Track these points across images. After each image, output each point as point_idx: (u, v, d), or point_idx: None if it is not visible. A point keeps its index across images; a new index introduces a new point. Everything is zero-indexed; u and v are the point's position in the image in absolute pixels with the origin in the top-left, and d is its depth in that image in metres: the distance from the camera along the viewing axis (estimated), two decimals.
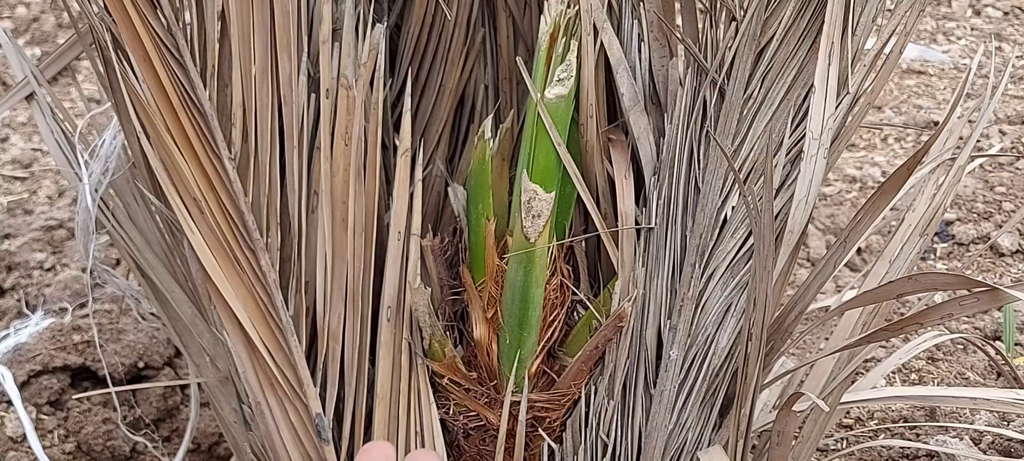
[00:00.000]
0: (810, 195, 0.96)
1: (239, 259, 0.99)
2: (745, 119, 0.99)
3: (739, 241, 0.99)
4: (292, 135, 0.99)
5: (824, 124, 0.96)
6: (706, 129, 1.00)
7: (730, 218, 0.99)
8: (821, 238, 1.86)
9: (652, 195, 1.02)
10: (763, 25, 0.98)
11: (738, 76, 0.98)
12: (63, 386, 1.47)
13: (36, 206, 1.96)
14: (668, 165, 1.01)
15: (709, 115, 1.00)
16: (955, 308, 0.90)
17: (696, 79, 1.01)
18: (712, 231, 0.99)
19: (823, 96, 0.96)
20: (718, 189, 0.99)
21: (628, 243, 1.01)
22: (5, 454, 1.38)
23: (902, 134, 2.18)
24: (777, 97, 0.99)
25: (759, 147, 0.99)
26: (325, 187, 0.99)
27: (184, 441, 1.34)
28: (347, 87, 0.98)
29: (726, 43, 0.99)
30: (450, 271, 1.06)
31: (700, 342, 0.99)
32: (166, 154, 0.97)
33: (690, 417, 1.00)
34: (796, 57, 0.98)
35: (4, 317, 1.64)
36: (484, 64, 1.10)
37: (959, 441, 1.33)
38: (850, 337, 1.11)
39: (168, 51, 0.96)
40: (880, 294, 0.98)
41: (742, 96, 0.99)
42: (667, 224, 1.00)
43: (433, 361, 1.02)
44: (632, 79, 1.02)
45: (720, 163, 0.99)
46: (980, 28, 2.60)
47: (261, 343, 1.00)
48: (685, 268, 0.99)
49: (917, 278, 0.93)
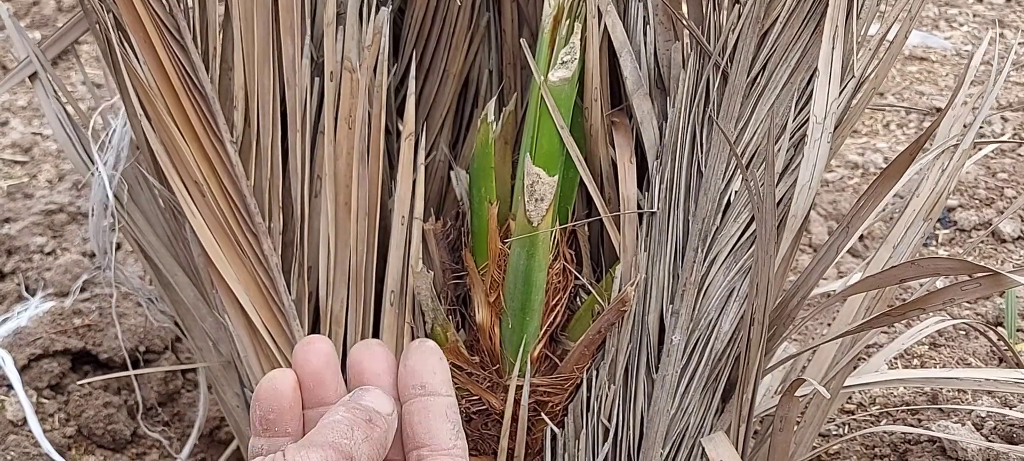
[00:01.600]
0: (813, 180, 0.95)
1: (241, 243, 0.99)
2: (748, 103, 0.99)
3: (742, 225, 0.99)
4: (295, 119, 0.99)
5: (828, 108, 0.95)
6: (709, 113, 0.99)
7: (733, 202, 0.99)
8: (823, 224, 1.86)
9: (655, 179, 1.01)
10: (766, 8, 0.98)
11: (741, 59, 0.98)
12: (64, 370, 1.47)
13: (36, 190, 1.95)
14: (670, 149, 1.01)
15: (712, 99, 1.00)
16: (957, 293, 0.90)
17: (699, 62, 1.01)
18: (715, 215, 0.99)
19: (827, 80, 0.96)
20: (721, 173, 0.99)
21: (630, 227, 1.01)
22: (6, 438, 1.38)
23: (904, 120, 2.18)
24: (780, 81, 0.98)
25: (762, 131, 0.98)
26: (328, 171, 0.99)
27: (195, 426, 1.34)
28: (351, 70, 0.98)
29: (729, 26, 0.99)
30: (453, 255, 1.05)
31: (702, 327, 0.99)
32: (168, 137, 0.97)
33: (692, 402, 1.00)
34: (800, 40, 0.98)
35: (4, 301, 1.63)
36: (488, 48, 1.09)
37: (961, 426, 1.33)
38: (853, 322, 1.11)
39: (169, 33, 0.96)
40: (882, 279, 0.98)
41: (745, 79, 0.98)
42: (670, 208, 1.00)
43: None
44: (636, 63, 1.01)
45: (723, 147, 0.98)
46: (982, 15, 2.59)
47: (263, 327, 1.00)
48: (688, 252, 0.99)
49: (919, 263, 0.92)
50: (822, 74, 0.95)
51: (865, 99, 0.99)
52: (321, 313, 1.02)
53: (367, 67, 0.98)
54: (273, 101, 0.99)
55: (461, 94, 1.10)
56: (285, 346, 1.01)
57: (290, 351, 1.01)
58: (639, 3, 1.01)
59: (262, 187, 0.99)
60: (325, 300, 1.01)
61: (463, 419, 1.06)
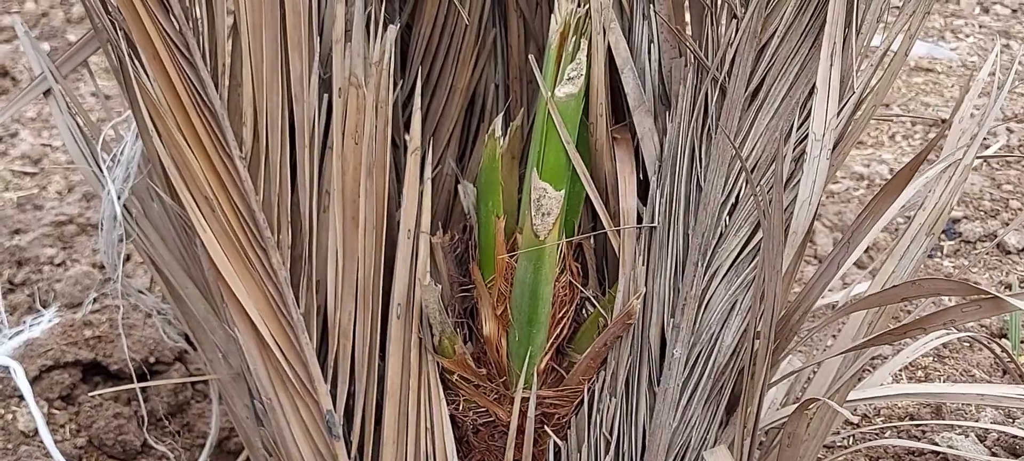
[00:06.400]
0: (813, 197, 0.95)
1: (250, 257, 1.00)
2: (747, 117, 0.99)
3: (742, 239, 0.99)
4: (303, 134, 0.99)
5: (827, 125, 0.95)
6: (707, 126, 0.99)
7: (733, 216, 0.99)
8: (828, 235, 1.87)
9: (655, 193, 1.02)
10: (764, 22, 0.97)
11: (739, 74, 0.98)
12: (74, 381, 1.48)
13: (46, 201, 1.97)
14: (670, 164, 1.01)
15: (710, 113, 1.00)
16: (958, 314, 0.90)
17: (697, 77, 1.01)
18: (714, 229, 0.99)
19: (826, 97, 0.96)
20: (720, 187, 0.99)
21: (629, 241, 1.02)
22: (18, 448, 1.39)
23: (910, 132, 2.18)
24: (780, 95, 0.98)
25: (761, 145, 0.98)
26: (336, 186, 1.00)
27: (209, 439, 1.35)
28: (358, 86, 0.98)
29: (727, 40, 0.99)
30: (460, 268, 1.06)
31: (704, 340, 0.99)
32: (178, 152, 0.98)
33: (695, 415, 1.00)
34: (798, 54, 0.98)
35: (15, 312, 1.65)
36: (495, 64, 1.10)
37: (965, 438, 1.34)
38: (857, 335, 1.11)
39: (179, 51, 0.97)
40: (884, 298, 0.99)
41: (743, 94, 0.98)
42: (669, 223, 1.00)
43: (443, 357, 1.03)
44: (638, 80, 1.02)
45: (722, 161, 0.99)
46: (988, 26, 2.60)
47: (272, 340, 1.01)
48: (688, 266, 0.99)
49: (921, 283, 0.94)
50: (821, 91, 0.95)
51: (867, 114, 1.00)
52: (329, 326, 1.03)
53: (375, 83, 0.99)
54: (282, 116, 0.99)
55: (468, 109, 1.11)
56: (294, 359, 1.02)
57: (298, 363, 1.02)
58: (644, 21, 1.02)
59: (271, 201, 1.00)
60: (333, 313, 1.02)
61: (470, 431, 1.07)
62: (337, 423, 1.02)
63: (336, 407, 1.03)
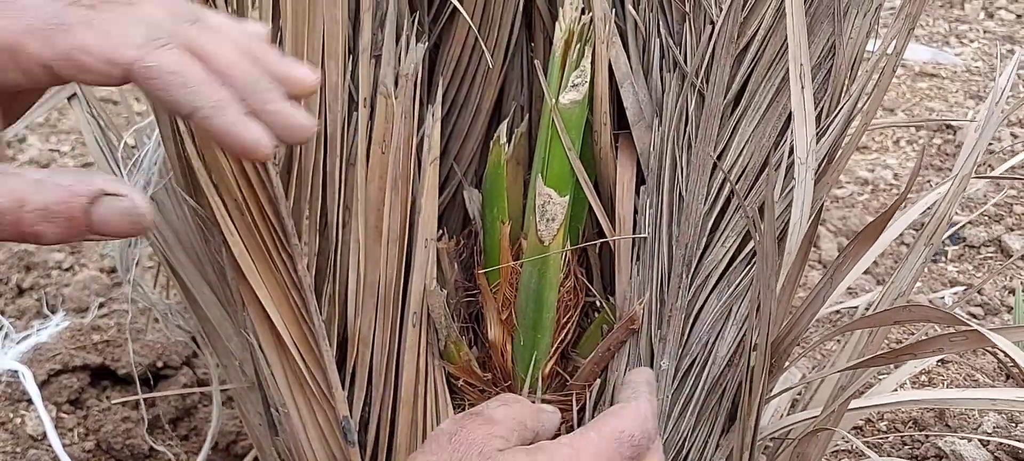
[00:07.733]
0: (803, 219, 0.94)
1: (276, 263, 0.99)
2: (727, 125, 0.97)
3: (730, 250, 0.98)
4: (334, 143, 0.99)
5: (809, 149, 0.94)
6: (688, 135, 0.98)
7: (720, 226, 0.98)
8: (833, 240, 1.87)
9: (644, 204, 1.01)
10: (740, 26, 0.96)
11: (716, 80, 0.96)
12: (83, 385, 1.49)
13: None
14: (655, 173, 1.00)
15: (690, 121, 0.98)
16: (945, 344, 0.91)
17: (680, 84, 1.00)
18: (698, 240, 0.98)
19: (803, 121, 0.94)
20: (701, 198, 0.98)
21: (625, 248, 1.02)
22: (26, 452, 1.40)
23: (914, 137, 2.19)
24: (764, 102, 0.97)
25: (747, 153, 0.97)
26: (360, 196, 1.00)
27: (205, 446, 1.35)
28: (387, 96, 0.98)
29: (702, 44, 0.97)
30: (465, 273, 1.07)
31: (695, 351, 0.99)
32: (211, 155, 0.97)
33: (688, 426, 1.00)
34: (782, 61, 0.96)
35: (24, 317, 1.66)
36: (520, 84, 1.10)
37: (968, 443, 1.34)
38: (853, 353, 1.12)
39: None
40: (877, 320, 0.99)
41: (721, 100, 0.97)
42: (656, 234, 1.00)
43: (449, 362, 1.04)
44: (636, 95, 1.02)
45: (702, 170, 0.97)
46: (993, 31, 2.60)
47: (293, 346, 1.01)
48: (672, 278, 0.99)
49: (912, 309, 0.96)
50: (797, 116, 0.93)
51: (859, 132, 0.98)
52: (349, 333, 1.02)
53: (403, 94, 0.99)
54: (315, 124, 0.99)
55: (488, 127, 1.11)
56: (313, 364, 1.02)
57: (318, 369, 1.02)
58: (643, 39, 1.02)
59: (300, 209, 1.00)
60: (353, 320, 1.02)
61: None
62: (353, 429, 1.02)
63: (352, 413, 1.03)
